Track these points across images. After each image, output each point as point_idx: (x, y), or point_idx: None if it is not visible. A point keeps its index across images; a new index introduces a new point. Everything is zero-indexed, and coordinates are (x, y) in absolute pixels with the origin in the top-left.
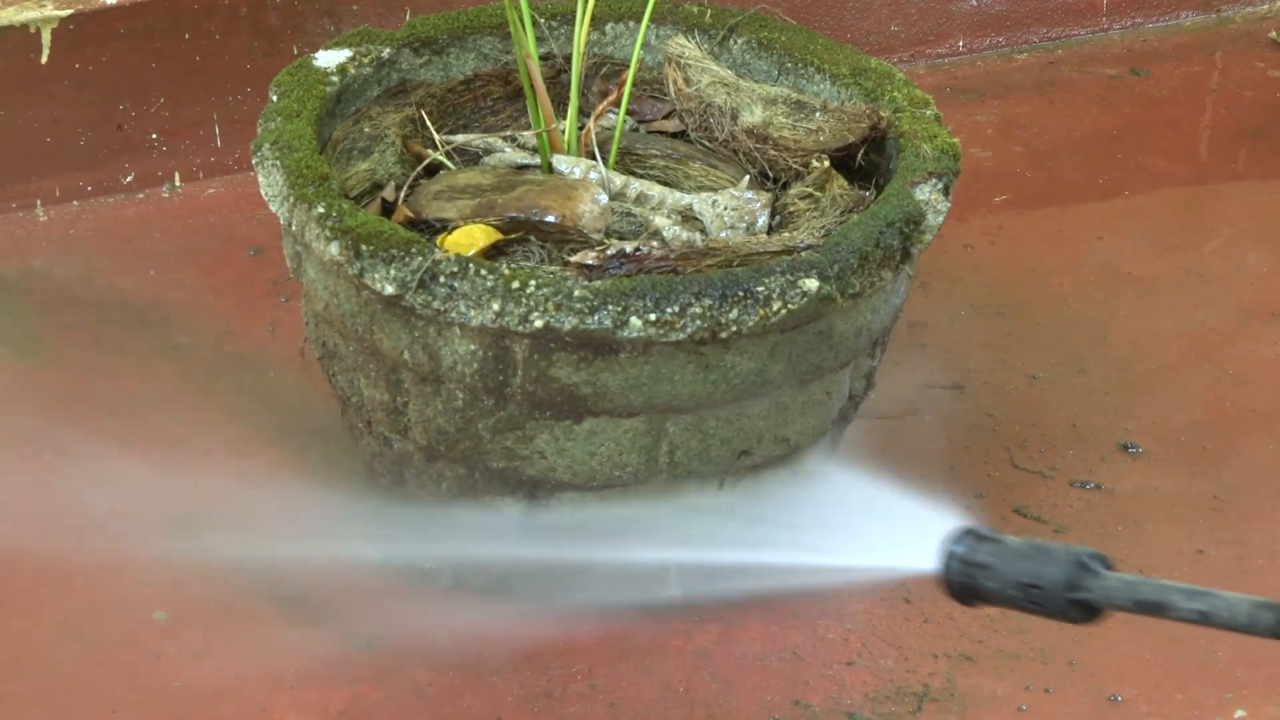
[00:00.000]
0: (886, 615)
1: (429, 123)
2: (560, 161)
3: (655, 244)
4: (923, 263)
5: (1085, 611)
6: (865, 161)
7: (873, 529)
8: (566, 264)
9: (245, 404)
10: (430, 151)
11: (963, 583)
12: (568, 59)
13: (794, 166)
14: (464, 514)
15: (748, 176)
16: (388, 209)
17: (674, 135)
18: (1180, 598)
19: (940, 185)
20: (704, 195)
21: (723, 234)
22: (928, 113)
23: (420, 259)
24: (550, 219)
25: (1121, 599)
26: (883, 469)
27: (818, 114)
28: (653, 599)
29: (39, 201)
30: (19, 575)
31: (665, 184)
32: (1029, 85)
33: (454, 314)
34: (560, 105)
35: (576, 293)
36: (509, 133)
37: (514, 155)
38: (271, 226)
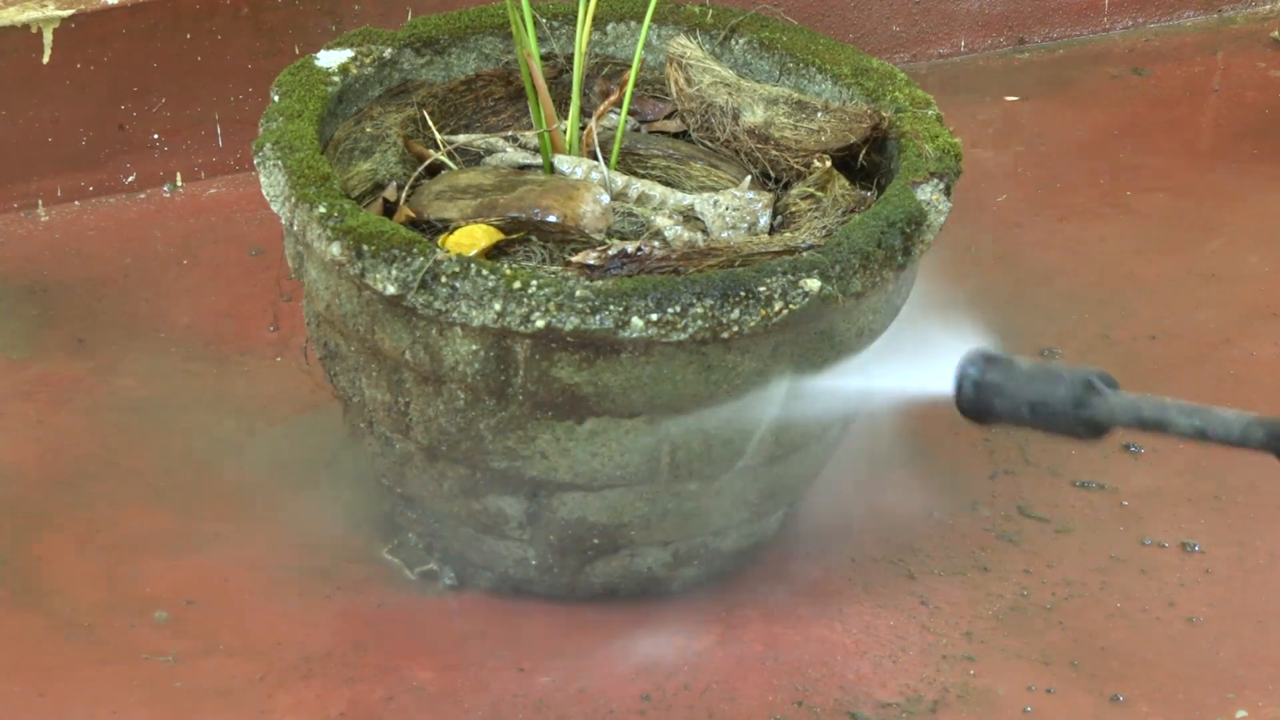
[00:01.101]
0: (888, 615)
1: (431, 123)
2: (562, 162)
3: (657, 244)
4: (923, 263)
5: (1092, 428)
6: (867, 162)
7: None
8: (568, 264)
9: (245, 404)
10: (432, 151)
11: (974, 402)
12: (569, 59)
13: (795, 167)
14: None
15: (749, 177)
16: (389, 209)
17: (675, 135)
18: (1178, 414)
19: (942, 185)
20: (705, 195)
21: (724, 234)
22: (929, 113)
23: (422, 259)
24: (552, 219)
25: (1125, 416)
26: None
27: (819, 114)
28: None
29: (40, 201)
30: (19, 575)
31: (667, 184)
32: (1030, 85)
33: (455, 314)
34: (562, 105)
35: (578, 293)
36: (510, 133)
37: (515, 155)
38: (273, 226)
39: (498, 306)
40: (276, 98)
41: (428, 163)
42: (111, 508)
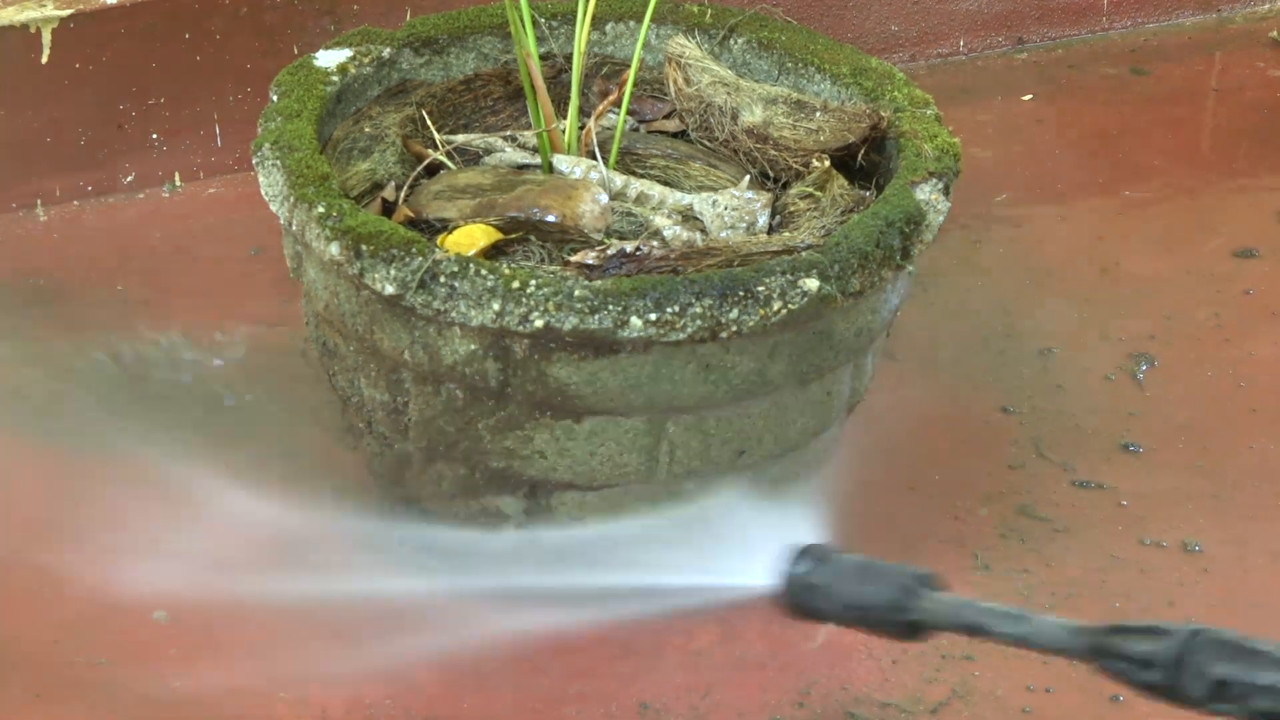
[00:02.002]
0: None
1: (430, 123)
2: (561, 161)
3: (656, 244)
4: (922, 262)
5: (911, 631)
6: (866, 161)
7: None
8: (567, 264)
9: (245, 404)
10: (431, 151)
11: (798, 604)
12: (568, 59)
13: (794, 166)
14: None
15: (748, 176)
16: (388, 209)
17: (674, 135)
18: (998, 621)
19: (941, 185)
20: (704, 195)
21: (723, 234)
22: (928, 112)
23: (420, 259)
24: (551, 219)
25: (945, 620)
26: (885, 470)
27: (818, 114)
28: None
29: (39, 201)
30: (19, 575)
31: (666, 184)
32: (1029, 85)
33: (454, 314)
34: (561, 105)
35: (577, 293)
36: (509, 132)
37: (514, 155)
38: (272, 226)
39: (496, 306)
40: (275, 97)
41: (427, 162)
42: (111, 508)
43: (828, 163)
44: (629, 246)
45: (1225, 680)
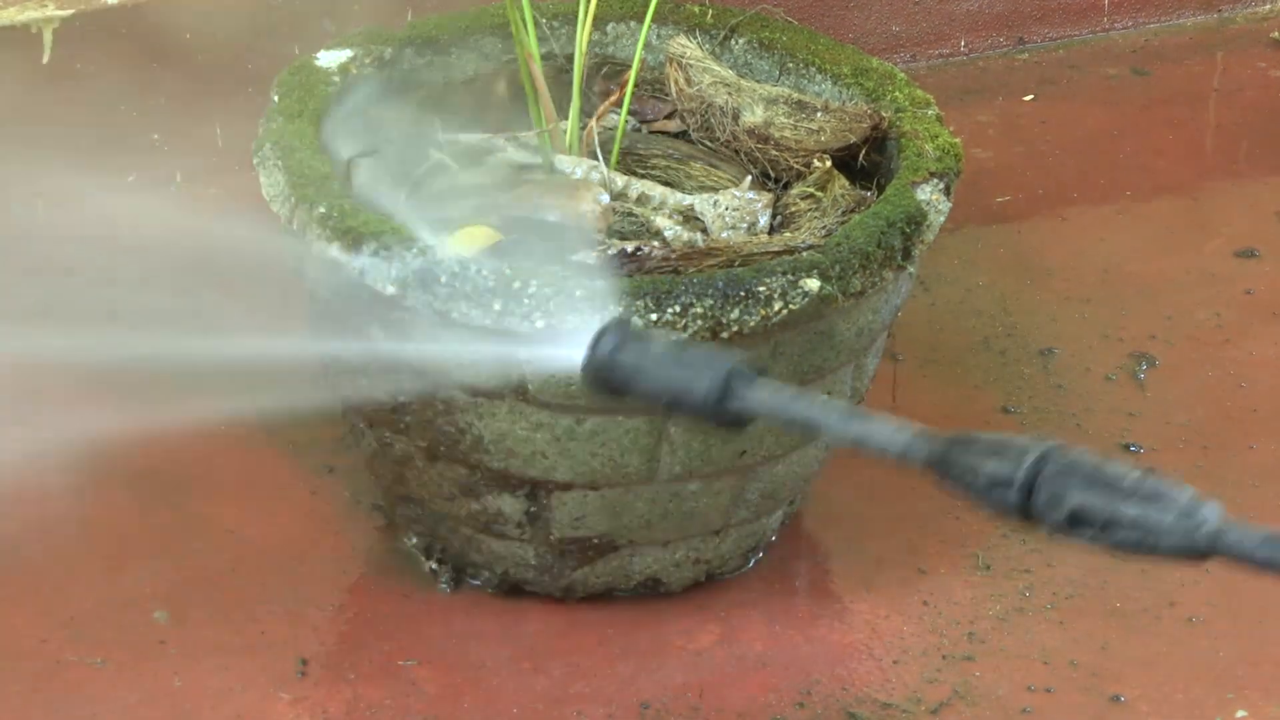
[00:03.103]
0: (888, 615)
1: (438, 123)
2: (562, 161)
3: (657, 244)
4: (923, 262)
5: (733, 422)
6: (867, 161)
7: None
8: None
9: (246, 403)
10: (434, 151)
11: (605, 379)
12: (569, 59)
13: (795, 166)
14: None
15: (749, 177)
16: None
17: (675, 135)
18: (829, 416)
19: (942, 185)
20: (705, 195)
21: (724, 234)
22: (929, 113)
23: (421, 259)
24: (552, 219)
25: (770, 412)
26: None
27: (819, 114)
28: None
29: (40, 201)
30: (19, 575)
31: (667, 184)
32: (1030, 85)
33: (455, 314)
34: (562, 105)
35: (578, 293)
36: (511, 133)
37: (516, 155)
38: (272, 227)
39: (497, 306)
40: (276, 98)
41: (429, 163)
42: (112, 507)
43: (829, 163)
44: (630, 247)
45: (1083, 508)
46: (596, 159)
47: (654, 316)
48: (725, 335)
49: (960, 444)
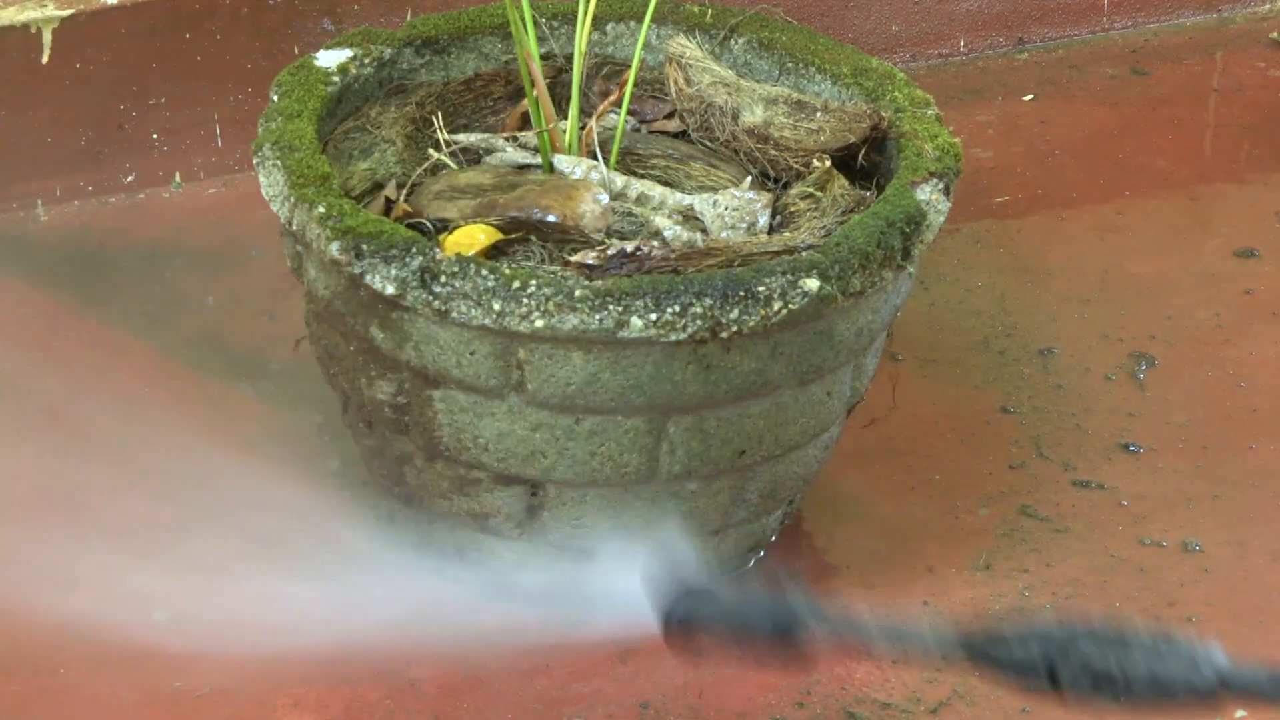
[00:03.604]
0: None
1: (437, 122)
2: (561, 161)
3: (656, 244)
4: (923, 262)
5: (786, 633)
6: (866, 161)
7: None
8: (567, 264)
9: (246, 403)
10: (433, 151)
11: (677, 612)
12: (569, 59)
13: (795, 166)
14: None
15: (749, 177)
16: (391, 208)
17: (675, 135)
18: (878, 638)
19: (941, 185)
20: (705, 195)
21: (724, 234)
22: (929, 113)
23: (421, 259)
24: (551, 219)
25: (830, 640)
26: (885, 470)
27: (819, 114)
28: None
29: (40, 201)
30: (20, 575)
31: (666, 184)
32: (1030, 85)
33: (455, 314)
34: (561, 105)
35: (577, 292)
36: (510, 132)
37: (515, 155)
38: (272, 226)
39: (497, 306)
40: (276, 98)
41: (429, 163)
42: (112, 507)
43: (828, 163)
44: (629, 247)
45: (1107, 675)
46: (596, 159)
47: (653, 316)
48: (725, 335)
49: (991, 642)
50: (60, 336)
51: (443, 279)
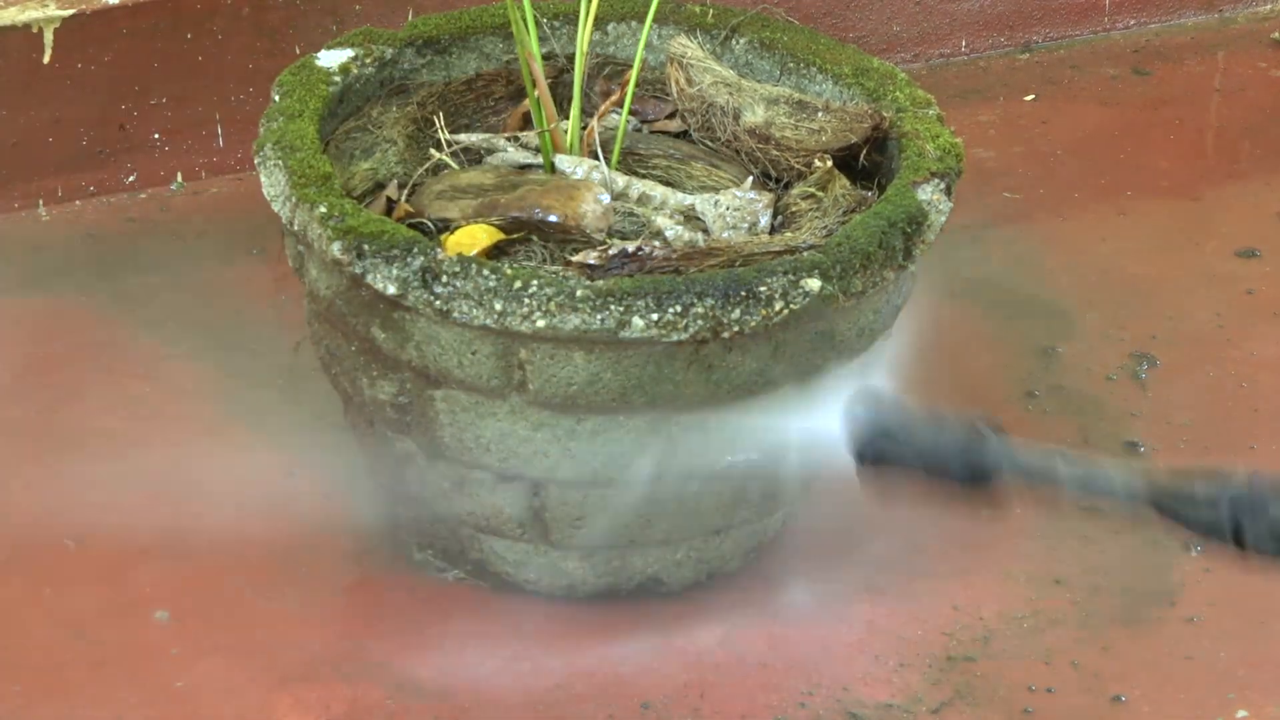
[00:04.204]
0: (889, 616)
1: (439, 122)
2: (563, 161)
3: (657, 244)
4: (924, 262)
5: (979, 476)
6: (868, 162)
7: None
8: (569, 264)
9: (247, 403)
10: (435, 151)
11: (870, 446)
12: (570, 59)
13: (796, 166)
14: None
15: (750, 177)
16: (392, 208)
17: (676, 135)
18: (1063, 464)
19: (943, 185)
20: (706, 195)
21: (725, 234)
22: (930, 113)
23: (422, 259)
24: (553, 219)
25: (1011, 463)
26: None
27: (820, 114)
28: None
29: (41, 201)
30: (20, 575)
31: (668, 184)
32: (1031, 85)
33: (456, 314)
34: (563, 105)
35: (579, 292)
36: (512, 132)
37: (516, 155)
38: (274, 226)
39: (499, 306)
40: (277, 97)
41: (431, 163)
42: (112, 507)
43: (830, 163)
44: (631, 247)
45: None
46: (597, 159)
47: (655, 316)
48: (726, 335)
49: (1177, 479)
50: (61, 336)
51: (444, 279)
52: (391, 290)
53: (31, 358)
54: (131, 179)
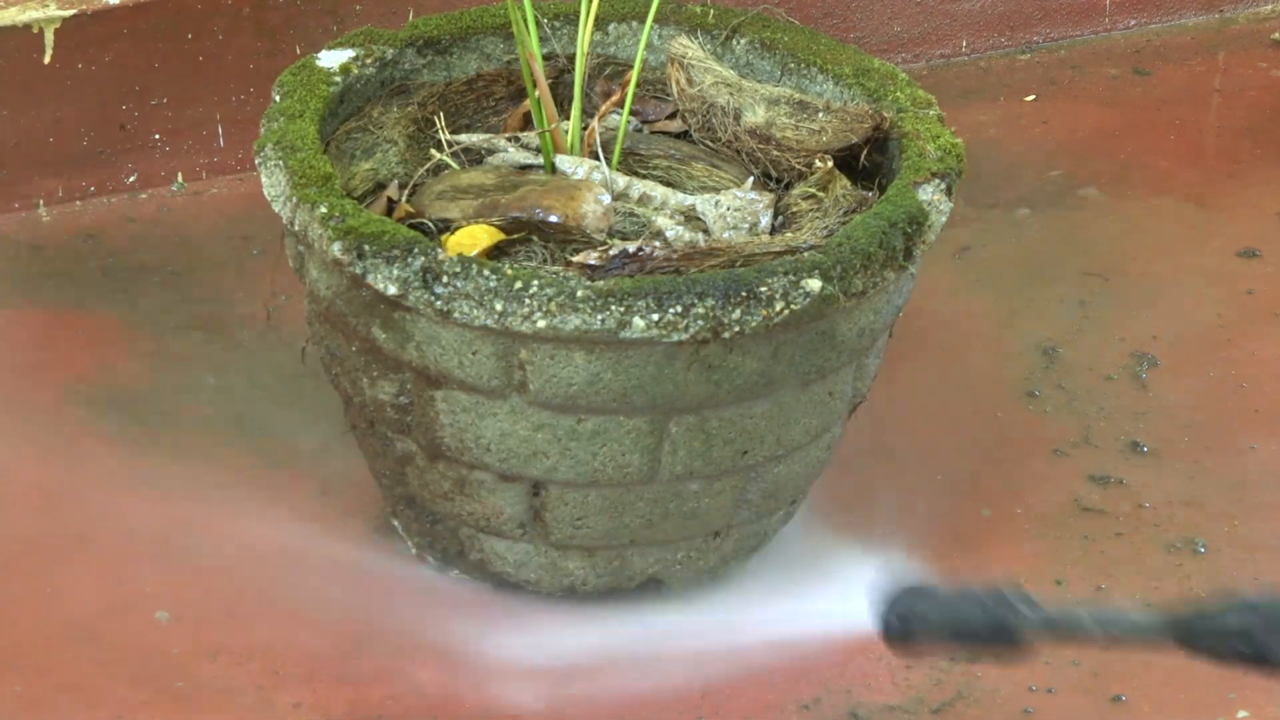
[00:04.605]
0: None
1: (440, 123)
2: (563, 162)
3: (658, 244)
4: (924, 263)
5: (1009, 641)
6: (868, 162)
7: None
8: (569, 264)
9: (247, 403)
10: (436, 152)
11: (904, 639)
12: (571, 59)
13: (797, 167)
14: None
15: (751, 177)
16: (393, 208)
17: (677, 136)
18: (1092, 624)
19: (943, 185)
20: (707, 196)
21: (725, 234)
22: (930, 113)
23: (423, 259)
24: (553, 219)
25: (1044, 631)
26: (888, 470)
27: (820, 114)
28: None
29: (41, 201)
30: (20, 574)
31: (668, 184)
32: (1032, 85)
33: (457, 314)
34: (563, 105)
35: (579, 293)
36: (512, 133)
37: (517, 155)
38: (274, 226)
39: (499, 306)
40: (278, 98)
41: (431, 163)
42: (112, 506)
43: (830, 163)
44: (631, 247)
45: None
46: (598, 159)
47: (655, 316)
48: (726, 335)
49: (1200, 617)
50: (61, 337)
51: (445, 279)
52: (392, 290)
53: (31, 358)
54: (132, 179)
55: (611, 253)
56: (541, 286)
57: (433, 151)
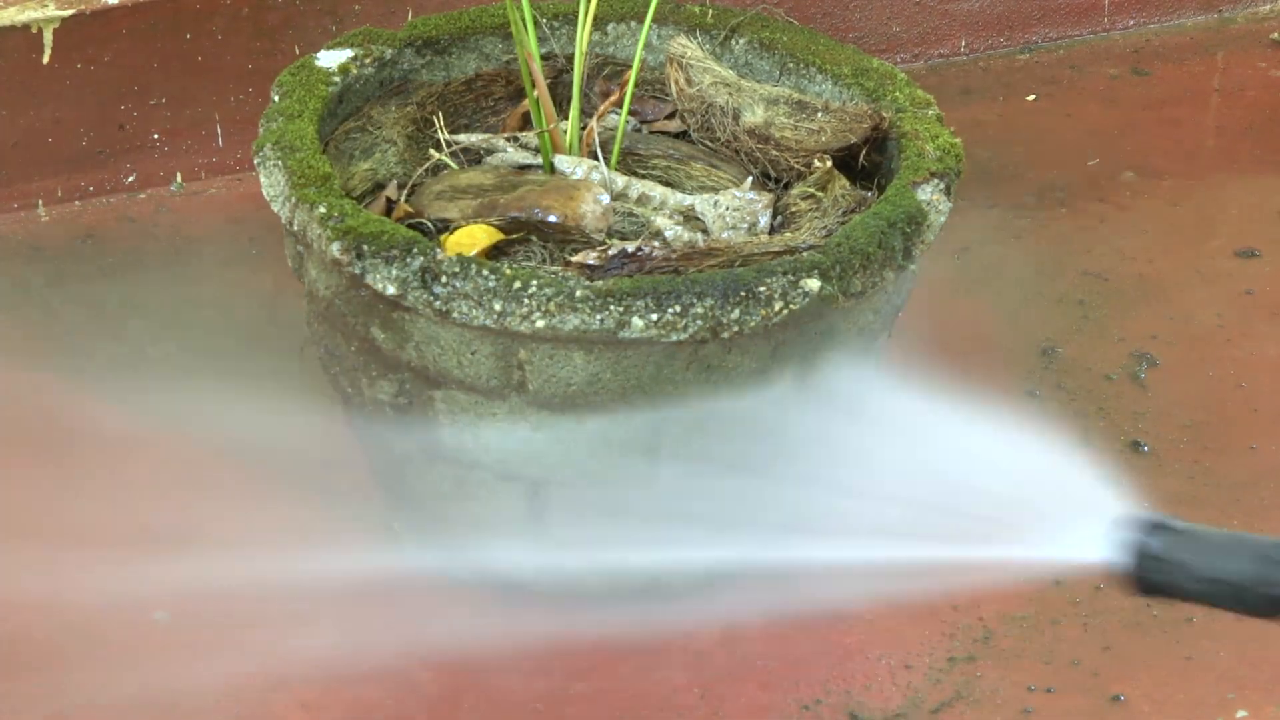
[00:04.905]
0: (889, 616)
1: (439, 122)
2: (562, 162)
3: (657, 244)
4: (924, 262)
5: (1275, 606)
6: (867, 162)
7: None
8: (568, 264)
9: (247, 403)
10: (435, 152)
11: (1156, 581)
12: (569, 59)
13: (796, 167)
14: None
15: (750, 177)
16: (392, 208)
17: (676, 136)
18: None
19: (942, 185)
20: (706, 196)
21: (724, 234)
22: (930, 113)
23: (422, 259)
24: (552, 219)
25: None
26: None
27: (819, 114)
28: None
29: (40, 201)
30: (20, 575)
31: (667, 184)
32: (1031, 85)
33: (456, 314)
34: (562, 105)
35: (578, 293)
36: (511, 133)
37: (516, 155)
38: (273, 227)
39: (498, 306)
40: (277, 98)
41: (430, 163)
42: (112, 506)
43: (829, 163)
44: (630, 247)
45: None
46: (597, 159)
47: (654, 316)
48: (725, 335)
49: None
50: (60, 337)
51: (444, 279)
52: (391, 290)
53: (30, 358)
54: (131, 179)
55: (610, 253)
56: (540, 286)
57: (431, 151)
